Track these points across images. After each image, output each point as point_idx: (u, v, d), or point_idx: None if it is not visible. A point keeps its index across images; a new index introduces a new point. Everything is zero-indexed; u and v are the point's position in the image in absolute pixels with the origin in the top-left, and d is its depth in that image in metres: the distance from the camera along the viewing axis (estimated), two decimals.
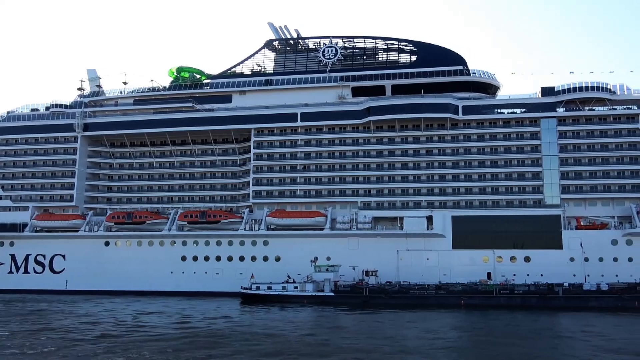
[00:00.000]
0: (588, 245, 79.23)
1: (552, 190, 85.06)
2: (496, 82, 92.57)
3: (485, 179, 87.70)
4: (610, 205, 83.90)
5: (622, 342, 43.84)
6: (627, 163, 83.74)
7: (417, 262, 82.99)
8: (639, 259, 77.95)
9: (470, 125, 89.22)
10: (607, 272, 76.88)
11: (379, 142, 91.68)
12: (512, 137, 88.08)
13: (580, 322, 56.42)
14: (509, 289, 71.40)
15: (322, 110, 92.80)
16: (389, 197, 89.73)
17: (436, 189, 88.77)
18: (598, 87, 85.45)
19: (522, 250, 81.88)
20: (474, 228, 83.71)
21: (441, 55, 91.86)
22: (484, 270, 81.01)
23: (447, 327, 54.06)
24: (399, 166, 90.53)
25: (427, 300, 70.84)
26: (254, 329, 50.51)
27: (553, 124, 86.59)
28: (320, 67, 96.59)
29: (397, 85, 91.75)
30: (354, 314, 63.71)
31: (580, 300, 68.00)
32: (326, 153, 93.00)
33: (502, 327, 54.39)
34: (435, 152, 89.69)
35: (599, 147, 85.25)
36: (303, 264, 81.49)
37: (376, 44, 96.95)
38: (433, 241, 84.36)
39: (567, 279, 74.45)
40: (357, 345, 41.81)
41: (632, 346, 41.68)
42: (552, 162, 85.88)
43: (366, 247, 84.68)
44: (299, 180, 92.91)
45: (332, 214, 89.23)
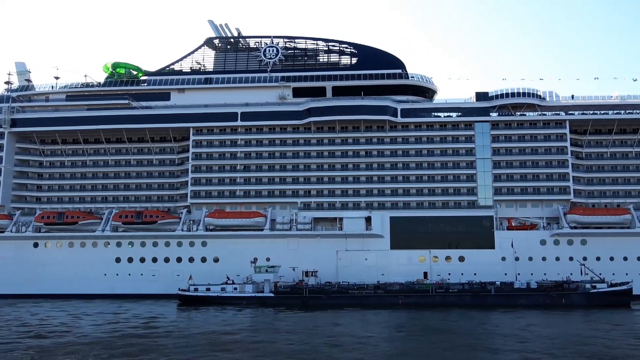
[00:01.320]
0: (519, 245, 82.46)
1: (485, 192, 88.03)
2: (433, 86, 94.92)
3: (423, 181, 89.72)
4: (540, 206, 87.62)
5: (549, 337, 45.78)
6: (556, 166, 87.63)
7: (356, 263, 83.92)
8: (566, 258, 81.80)
9: (409, 127, 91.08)
10: (536, 270, 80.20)
11: (320, 143, 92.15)
12: (448, 140, 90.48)
13: (509, 319, 58.66)
14: (445, 288, 73.27)
15: (262, 110, 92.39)
16: (328, 197, 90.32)
17: (375, 190, 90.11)
18: (529, 93, 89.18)
19: (457, 250, 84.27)
20: (411, 229, 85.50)
21: (381, 58, 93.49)
22: (421, 269, 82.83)
23: (383, 326, 54.84)
24: (339, 167, 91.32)
25: (366, 300, 71.69)
26: (191, 331, 49.60)
27: (487, 128, 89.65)
28: (261, 67, 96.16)
29: (338, 87, 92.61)
30: (293, 315, 63.64)
31: (511, 298, 70.60)
32: (266, 153, 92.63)
33: (436, 324, 55.66)
34: (375, 154, 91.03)
35: (529, 151, 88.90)
36: (242, 265, 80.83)
37: (317, 45, 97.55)
38: (372, 242, 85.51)
39: (499, 277, 77.18)
40: (294, 346, 41.76)
41: (555, 340, 43.58)
42: (485, 164, 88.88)
43: (306, 248, 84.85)
44: (238, 180, 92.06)
45: (272, 214, 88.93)
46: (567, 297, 69.97)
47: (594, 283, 71.54)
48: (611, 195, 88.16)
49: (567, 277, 75.05)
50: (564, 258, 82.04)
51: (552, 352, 38.30)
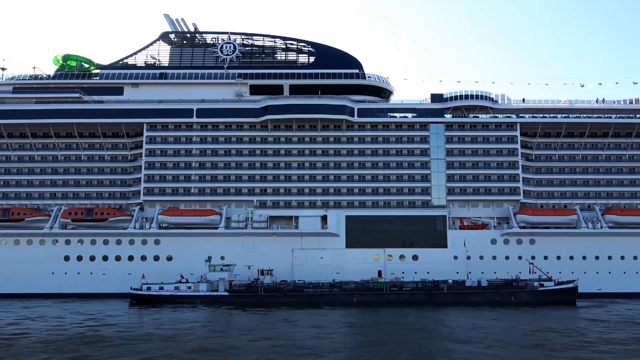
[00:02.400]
0: (470, 244, 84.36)
1: (439, 192, 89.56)
2: (390, 87, 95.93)
3: (378, 180, 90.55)
4: (491, 207, 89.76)
5: (495, 333, 47.06)
6: (506, 168, 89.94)
7: (311, 261, 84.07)
8: (515, 257, 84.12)
9: (365, 127, 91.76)
10: (487, 269, 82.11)
11: (276, 141, 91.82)
12: (403, 141, 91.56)
13: (461, 316, 59.96)
14: (398, 286, 74.20)
15: (219, 107, 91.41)
16: (284, 196, 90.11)
17: (331, 189, 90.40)
18: (482, 95, 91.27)
19: (411, 249, 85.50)
20: (367, 228, 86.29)
21: (339, 57, 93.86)
22: (375, 268, 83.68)
23: (337, 324, 55.13)
24: (296, 166, 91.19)
25: (321, 298, 71.90)
26: (142, 331, 48.65)
27: (441, 129, 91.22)
28: (217, 63, 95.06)
29: (295, 85, 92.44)
30: (247, 314, 63.27)
31: (462, 296, 72.17)
32: (222, 151, 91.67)
33: (389, 322, 56.33)
34: (331, 153, 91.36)
35: (481, 152, 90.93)
36: (197, 264, 79.74)
37: (275, 43, 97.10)
38: (327, 240, 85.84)
39: (451, 276, 78.77)
40: (247, 344, 41.52)
41: (496, 336, 44.81)
42: (439, 165, 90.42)
43: (261, 246, 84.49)
44: (193, 177, 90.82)
45: (227, 212, 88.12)
46: (516, 294, 72.00)
47: (542, 281, 73.92)
48: (559, 197, 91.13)
49: (516, 275, 77.17)
50: (514, 257, 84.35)
51: (498, 348, 39.38)
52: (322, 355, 37.35)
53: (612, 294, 79.61)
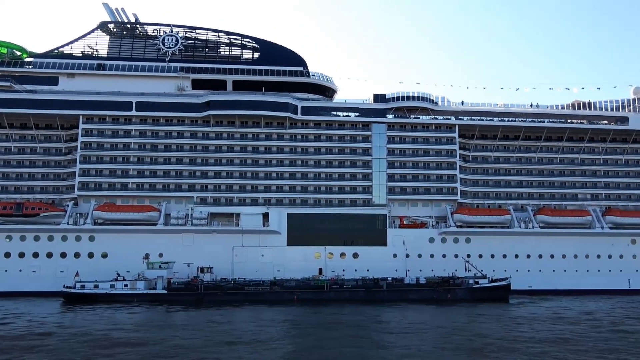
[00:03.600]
0: (409, 242, 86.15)
1: (379, 191, 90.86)
2: (334, 86, 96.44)
3: (320, 178, 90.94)
4: (430, 206, 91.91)
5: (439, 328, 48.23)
6: (445, 168, 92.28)
7: (252, 259, 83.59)
8: (451, 255, 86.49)
9: (308, 125, 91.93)
10: (425, 267, 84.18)
11: (218, 137, 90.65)
12: (346, 139, 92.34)
13: (399, 313, 61.12)
14: (339, 284, 74.85)
15: (159, 101, 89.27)
16: (226, 193, 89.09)
17: (273, 187, 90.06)
18: (423, 97, 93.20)
19: (351, 247, 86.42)
20: (308, 225, 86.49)
21: (283, 55, 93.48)
22: (316, 266, 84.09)
23: (277, 321, 54.98)
24: (238, 162, 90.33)
25: (262, 296, 71.60)
26: (72, 331, 46.88)
27: (383, 129, 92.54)
28: (159, 56, 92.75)
29: (239, 81, 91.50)
30: (186, 312, 62.18)
31: (401, 293, 73.57)
32: (162, 145, 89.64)
33: (329, 319, 56.70)
34: (274, 150, 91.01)
35: (421, 153, 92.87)
36: (134, 261, 77.74)
37: (219, 37, 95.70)
38: (268, 238, 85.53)
39: (390, 273, 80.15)
40: (184, 342, 40.77)
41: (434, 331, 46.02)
42: (380, 164, 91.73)
43: (201, 244, 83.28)
44: (131, 172, 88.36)
45: (167, 208, 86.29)
46: (452, 292, 74.05)
47: (477, 279, 76.38)
48: (494, 197, 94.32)
49: (452, 273, 79.48)
50: (450, 255, 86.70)
51: (434, 344, 40.37)
52: (259, 353, 37.14)
53: (542, 291, 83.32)
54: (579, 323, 51.82)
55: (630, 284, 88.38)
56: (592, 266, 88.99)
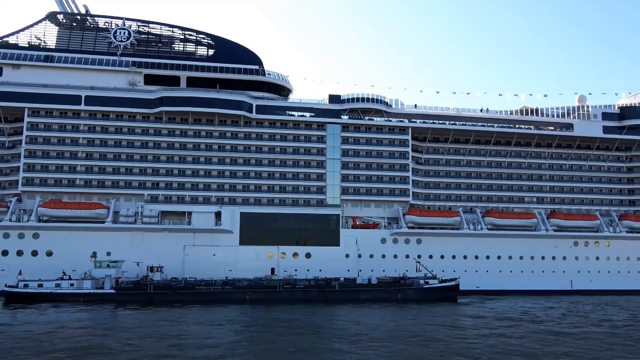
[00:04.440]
0: (362, 243, 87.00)
1: (333, 191, 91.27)
2: (289, 85, 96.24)
3: (274, 178, 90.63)
4: (382, 207, 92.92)
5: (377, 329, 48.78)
6: (398, 170, 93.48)
7: (204, 258, 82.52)
8: (402, 256, 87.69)
9: (263, 124, 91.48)
10: (377, 267, 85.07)
11: (171, 134, 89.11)
12: (300, 139, 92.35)
13: (350, 313, 61.55)
14: (291, 284, 74.75)
15: (110, 96, 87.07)
16: (177, 191, 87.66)
17: (226, 185, 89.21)
18: (377, 99, 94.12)
19: (304, 247, 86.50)
20: (261, 225, 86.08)
21: (239, 52, 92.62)
22: (269, 266, 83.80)
23: (228, 321, 54.43)
24: (190, 160, 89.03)
25: (214, 295, 70.72)
26: (12, 331, 45.11)
27: (338, 129, 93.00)
28: (110, 49, 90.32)
29: (193, 78, 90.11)
30: (134, 312, 60.78)
31: (353, 293, 74.11)
32: (112, 141, 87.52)
33: (280, 319, 56.56)
34: (228, 149, 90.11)
35: (375, 154, 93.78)
36: (81, 260, 75.82)
37: (173, 32, 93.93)
38: (221, 237, 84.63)
39: (343, 273, 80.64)
40: (129, 343, 39.78)
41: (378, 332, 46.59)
42: (334, 165, 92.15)
43: (151, 242, 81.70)
44: (79, 168, 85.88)
45: (116, 206, 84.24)
46: (403, 292, 75.08)
47: (427, 279, 77.65)
48: (444, 199, 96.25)
49: (403, 273, 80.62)
50: (402, 256, 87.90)
51: (380, 342, 40.83)
52: (208, 354, 36.64)
53: (489, 291, 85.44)
54: (519, 322, 53.37)
55: (572, 285, 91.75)
56: (537, 267, 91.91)
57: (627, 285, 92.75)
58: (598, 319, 56.34)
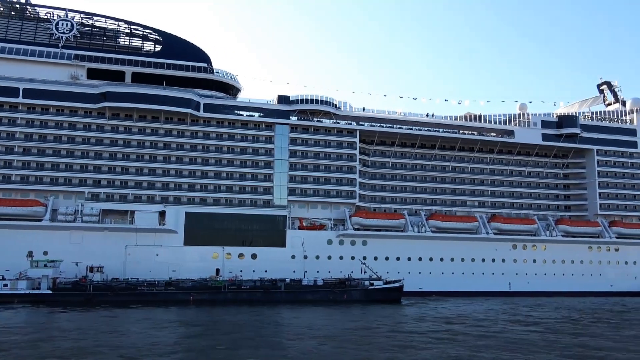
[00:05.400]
0: (308, 244, 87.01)
1: (280, 192, 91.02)
2: (238, 84, 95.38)
3: (221, 177, 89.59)
4: (329, 208, 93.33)
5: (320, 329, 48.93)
6: (345, 172, 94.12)
7: (146, 258, 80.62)
8: (348, 257, 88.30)
9: (210, 123, 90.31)
10: (322, 268, 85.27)
11: (114, 131, 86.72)
12: (248, 139, 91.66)
13: (296, 314, 61.51)
14: (237, 285, 74.04)
15: (50, 89, 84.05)
16: (120, 189, 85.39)
17: (171, 184, 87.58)
18: (326, 101, 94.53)
19: (250, 248, 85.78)
20: (206, 225, 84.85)
21: (187, 49, 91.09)
22: (214, 266, 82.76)
23: (169, 322, 53.33)
24: (134, 158, 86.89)
25: (156, 296, 69.19)
26: None
27: (286, 130, 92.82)
28: (51, 41, 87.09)
29: (139, 74, 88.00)
30: (72, 313, 58.62)
31: (299, 294, 74.02)
32: (51, 136, 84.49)
33: (224, 320, 55.92)
34: (174, 147, 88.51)
35: (323, 156, 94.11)
36: (16, 259, 72.82)
37: (119, 26, 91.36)
38: (164, 237, 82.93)
39: (288, 274, 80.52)
40: (63, 345, 38.37)
41: (323, 331, 46.79)
42: (282, 165, 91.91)
43: (91, 242, 79.25)
44: (15, 164, 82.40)
45: (54, 204, 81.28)
46: (348, 293, 75.57)
47: (372, 280, 78.45)
48: (390, 201, 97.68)
49: (349, 274, 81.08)
50: (347, 257, 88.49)
51: (324, 343, 40.97)
52: (147, 356, 35.77)
53: (432, 292, 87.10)
54: (458, 323, 54.62)
55: (510, 286, 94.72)
56: (477, 269, 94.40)
57: (562, 287, 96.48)
58: (528, 321, 57.88)
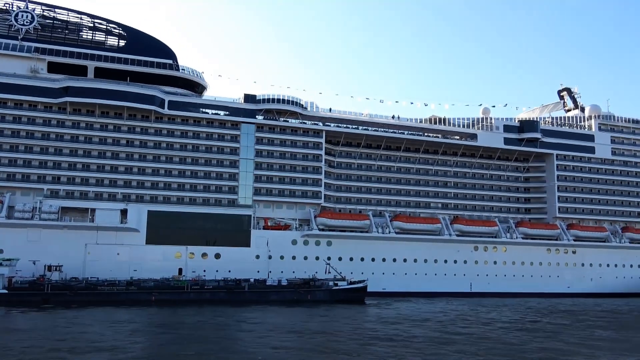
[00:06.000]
0: (273, 244, 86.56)
1: (245, 191, 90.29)
2: (204, 82, 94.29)
3: (185, 176, 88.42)
4: (294, 208, 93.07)
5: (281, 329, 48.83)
6: (311, 172, 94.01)
7: (107, 257, 78.91)
8: (313, 258, 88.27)
9: (175, 121, 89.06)
10: (287, 268, 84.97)
11: (75, 126, 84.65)
12: (214, 138, 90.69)
13: (260, 314, 61.19)
14: (200, 285, 73.24)
15: (8, 82, 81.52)
16: (81, 186, 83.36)
17: (134, 182, 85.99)
18: (293, 101, 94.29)
19: (214, 247, 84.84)
20: (169, 224, 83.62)
21: (152, 45, 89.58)
22: (176, 266, 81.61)
23: (130, 323, 52.39)
24: (96, 154, 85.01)
25: (117, 296, 67.89)
26: None
27: (252, 129, 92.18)
28: (10, 33, 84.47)
29: (102, 69, 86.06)
30: (27, 314, 56.96)
31: (263, 295, 73.68)
32: (9, 131, 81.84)
33: (186, 320, 55.23)
34: (137, 144, 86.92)
35: (289, 156, 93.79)
36: None
37: (82, 19, 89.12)
38: (126, 235, 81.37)
39: (252, 274, 79.97)
40: (16, 346, 37.29)
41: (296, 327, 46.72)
42: (248, 165, 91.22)
43: (50, 240, 77.00)
44: None
45: (11, 200, 78.83)
46: (312, 293, 75.57)
47: (336, 281, 78.71)
48: (355, 202, 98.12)
49: (313, 275, 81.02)
50: (312, 257, 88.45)
51: (291, 344, 40.96)
52: (104, 357, 35.03)
53: (395, 293, 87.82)
54: (420, 323, 55.26)
55: (471, 287, 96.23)
56: (440, 270, 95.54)
57: (521, 288, 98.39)
58: (483, 321, 58.78)
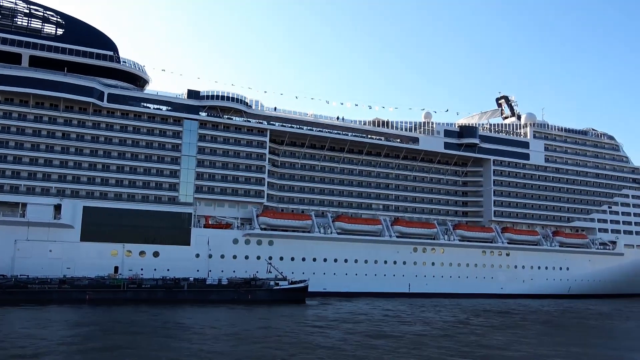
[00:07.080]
0: (213, 243, 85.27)
1: (187, 189, 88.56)
2: (146, 76, 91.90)
3: (124, 172, 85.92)
4: (236, 207, 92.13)
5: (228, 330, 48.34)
6: (254, 171, 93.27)
7: (38, 254, 75.73)
8: (254, 257, 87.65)
9: (115, 114, 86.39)
10: (227, 268, 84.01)
11: (7, 117, 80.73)
12: (155, 133, 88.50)
13: (198, 314, 60.18)
14: (137, 283, 71.42)
15: None
16: (11, 179, 79.49)
17: (69, 176, 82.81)
18: (237, 99, 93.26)
19: (152, 245, 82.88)
20: (106, 220, 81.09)
21: (92, 35, 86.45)
22: (113, 264, 79.34)
23: (60, 323, 50.45)
24: (29, 147, 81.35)
25: (49, 295, 65.17)
26: None
27: (195, 126, 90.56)
28: None
29: (37, 57, 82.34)
30: None
31: (203, 294, 72.52)
32: None
33: (119, 320, 53.70)
34: (73, 137, 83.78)
35: (232, 154, 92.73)
36: None
37: (16, 5, 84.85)
38: (59, 232, 78.30)
39: (192, 273, 78.52)
40: None
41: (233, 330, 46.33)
42: (190, 162, 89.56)
43: None
44: None
45: None
46: (253, 293, 74.98)
47: (277, 280, 78.37)
48: (298, 202, 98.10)
49: (254, 274, 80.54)
50: (253, 257, 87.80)
51: (230, 343, 40.52)
52: (28, 357, 33.64)
53: (335, 293, 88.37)
54: (357, 323, 55.90)
55: (410, 288, 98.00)
56: (379, 271, 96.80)
57: (457, 289, 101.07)
58: (413, 321, 59.80)
